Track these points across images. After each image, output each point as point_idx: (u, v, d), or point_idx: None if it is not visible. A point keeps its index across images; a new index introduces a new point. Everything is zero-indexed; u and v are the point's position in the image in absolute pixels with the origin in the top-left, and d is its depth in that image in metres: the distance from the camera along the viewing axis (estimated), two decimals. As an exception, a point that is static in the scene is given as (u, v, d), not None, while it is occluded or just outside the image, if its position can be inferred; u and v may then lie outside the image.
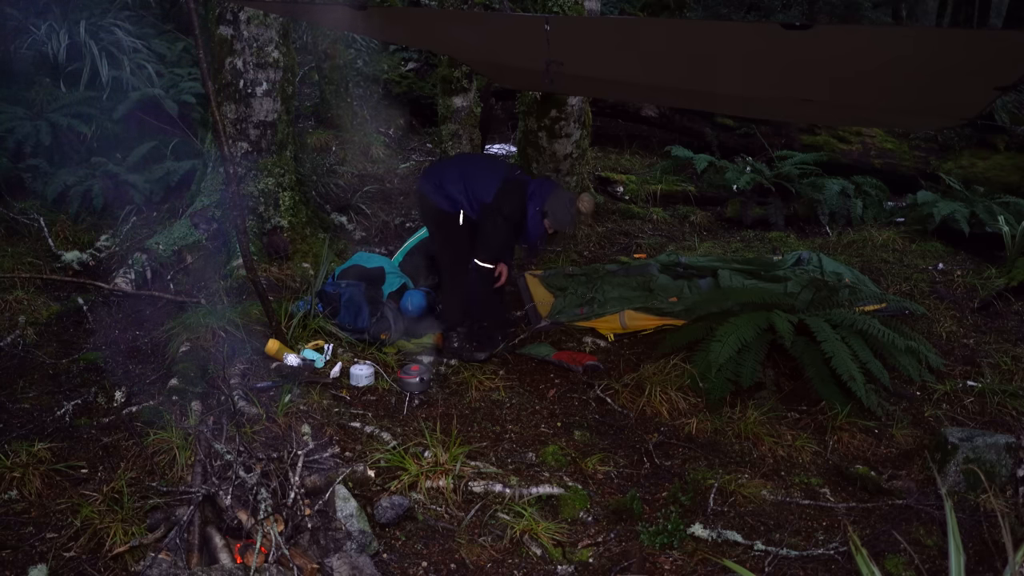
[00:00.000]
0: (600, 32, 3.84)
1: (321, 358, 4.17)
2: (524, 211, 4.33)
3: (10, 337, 4.31)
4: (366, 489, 3.20)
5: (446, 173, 4.48)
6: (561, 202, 4.36)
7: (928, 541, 3.02)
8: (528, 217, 4.33)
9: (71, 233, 5.61)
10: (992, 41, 2.93)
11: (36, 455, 3.21)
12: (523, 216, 4.34)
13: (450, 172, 4.48)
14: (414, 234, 5.29)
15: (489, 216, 4.33)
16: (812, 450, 3.67)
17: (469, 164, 4.70)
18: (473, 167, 4.58)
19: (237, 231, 4.10)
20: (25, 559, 2.72)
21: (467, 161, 4.88)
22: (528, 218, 4.33)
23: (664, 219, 7.39)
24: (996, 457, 3.26)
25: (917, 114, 4.28)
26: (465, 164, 4.68)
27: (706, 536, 3.03)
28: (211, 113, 3.73)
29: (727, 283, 5.07)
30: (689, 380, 4.08)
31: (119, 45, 7.18)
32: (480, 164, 4.82)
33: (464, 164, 4.68)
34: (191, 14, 3.50)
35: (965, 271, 5.87)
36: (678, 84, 4.33)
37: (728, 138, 9.11)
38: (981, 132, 8.66)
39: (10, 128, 5.98)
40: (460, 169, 4.50)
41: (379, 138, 8.50)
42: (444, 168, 4.60)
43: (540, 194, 4.34)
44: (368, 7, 3.60)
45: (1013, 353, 4.49)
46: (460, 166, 4.60)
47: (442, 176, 4.47)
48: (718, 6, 12.40)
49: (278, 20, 5.32)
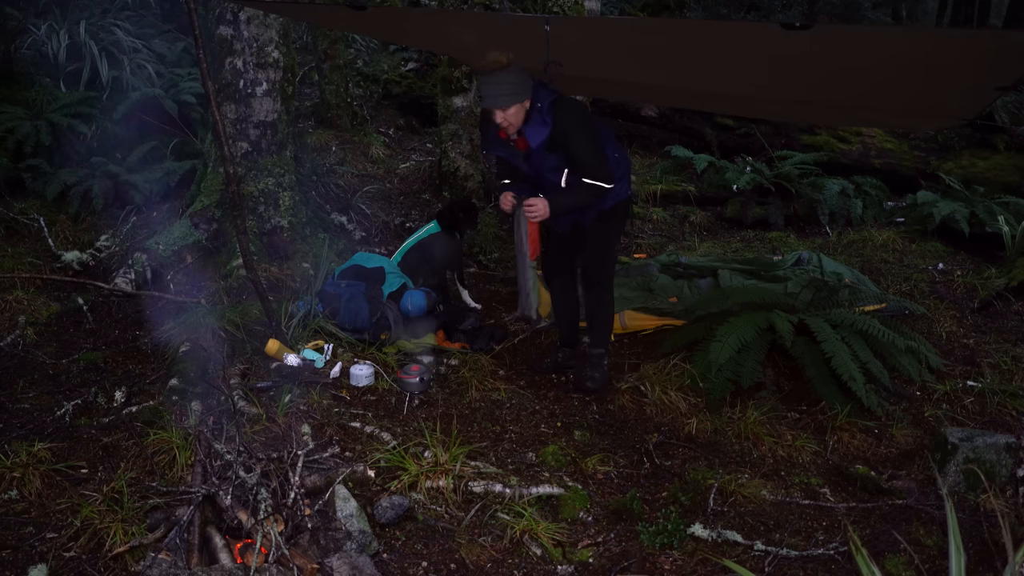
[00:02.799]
0: (600, 32, 3.85)
1: (321, 358, 4.17)
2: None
3: (10, 337, 4.31)
4: (366, 489, 3.20)
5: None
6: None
7: (928, 541, 3.02)
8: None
9: (71, 233, 5.61)
10: (992, 41, 2.94)
11: (36, 455, 3.21)
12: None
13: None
14: (413, 234, 5.29)
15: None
16: (812, 450, 3.67)
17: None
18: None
19: (237, 231, 4.10)
20: (25, 559, 2.72)
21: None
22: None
23: (664, 219, 7.40)
24: (996, 457, 3.26)
25: (917, 114, 4.29)
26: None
27: (706, 536, 3.03)
28: (211, 113, 3.73)
29: (727, 283, 5.07)
30: (689, 380, 4.08)
31: (119, 45, 7.19)
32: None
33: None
34: (191, 14, 3.50)
35: (965, 271, 5.87)
36: (678, 84, 4.33)
37: (728, 138, 9.11)
38: (981, 132, 8.66)
39: (10, 128, 5.98)
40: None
41: (379, 138, 8.49)
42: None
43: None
44: (368, 8, 3.60)
45: (1013, 353, 4.49)
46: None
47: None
48: (718, 6, 12.42)
49: (278, 20, 5.32)
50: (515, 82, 3.55)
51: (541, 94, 3.64)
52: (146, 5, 8.31)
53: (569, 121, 3.63)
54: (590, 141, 3.70)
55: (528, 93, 3.60)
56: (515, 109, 3.60)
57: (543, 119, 3.62)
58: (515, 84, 3.55)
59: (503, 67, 3.51)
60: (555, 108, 3.64)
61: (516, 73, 3.55)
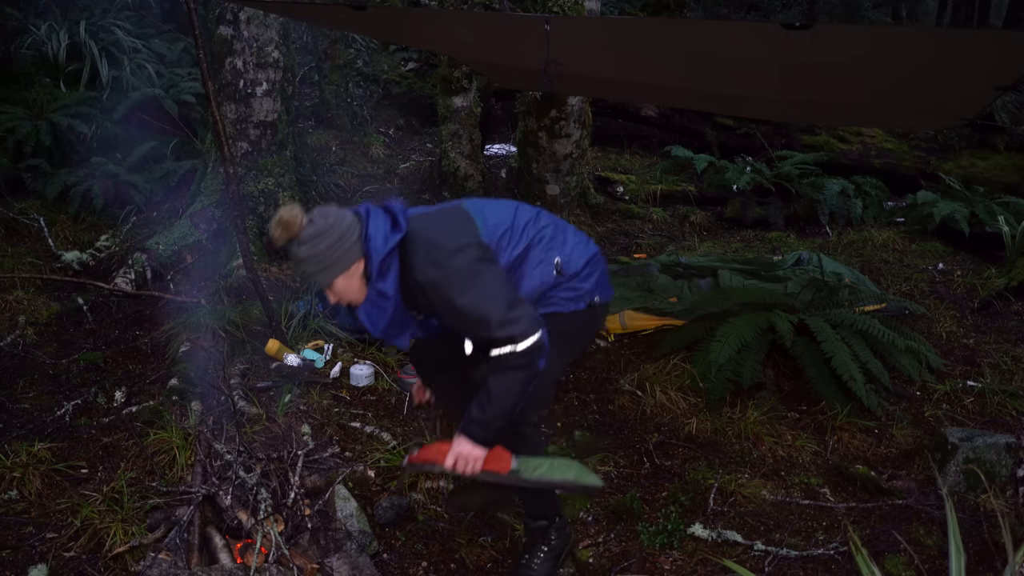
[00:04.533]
0: (600, 32, 3.84)
1: (321, 358, 4.17)
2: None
3: (10, 337, 4.31)
4: (366, 489, 3.20)
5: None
6: None
7: (928, 541, 3.02)
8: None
9: (71, 233, 5.61)
10: (992, 41, 2.93)
11: (36, 455, 3.21)
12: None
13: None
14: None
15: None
16: (812, 450, 3.67)
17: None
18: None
19: (237, 231, 4.10)
20: (25, 559, 2.72)
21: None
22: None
23: (664, 219, 7.39)
24: (996, 457, 3.26)
25: (917, 114, 4.28)
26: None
27: (706, 536, 3.03)
28: (211, 113, 3.73)
29: (727, 283, 5.06)
30: (689, 380, 4.08)
31: (119, 45, 7.19)
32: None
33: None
34: (191, 14, 3.50)
35: (965, 271, 5.86)
36: (678, 84, 4.33)
37: (728, 138, 9.10)
38: (981, 132, 8.65)
39: (10, 128, 5.98)
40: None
41: (379, 138, 8.49)
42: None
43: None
44: (368, 8, 3.60)
45: (1013, 353, 4.49)
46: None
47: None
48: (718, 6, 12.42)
49: (278, 20, 5.31)
50: (323, 251, 2.30)
51: (374, 244, 2.32)
52: (146, 5, 8.31)
53: (427, 278, 2.33)
54: (473, 295, 2.31)
55: (354, 254, 2.33)
56: (342, 281, 2.37)
57: (382, 285, 2.35)
58: (324, 253, 2.30)
59: (293, 236, 2.29)
60: (403, 259, 2.37)
61: (320, 238, 2.29)
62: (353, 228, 2.34)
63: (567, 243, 2.59)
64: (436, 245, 2.36)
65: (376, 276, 2.34)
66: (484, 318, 2.28)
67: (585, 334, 2.75)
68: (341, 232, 2.32)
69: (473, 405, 2.39)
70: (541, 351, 2.32)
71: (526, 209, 2.60)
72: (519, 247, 2.49)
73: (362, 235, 2.34)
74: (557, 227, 2.61)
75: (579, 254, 2.59)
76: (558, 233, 2.59)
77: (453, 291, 2.30)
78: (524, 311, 2.32)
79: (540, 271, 2.51)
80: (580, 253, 2.60)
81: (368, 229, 2.34)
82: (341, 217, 2.34)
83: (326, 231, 2.30)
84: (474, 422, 2.37)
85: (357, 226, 2.35)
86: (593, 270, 2.61)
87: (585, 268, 2.59)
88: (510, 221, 2.52)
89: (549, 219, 2.62)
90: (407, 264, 2.36)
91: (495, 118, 8.82)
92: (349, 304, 2.46)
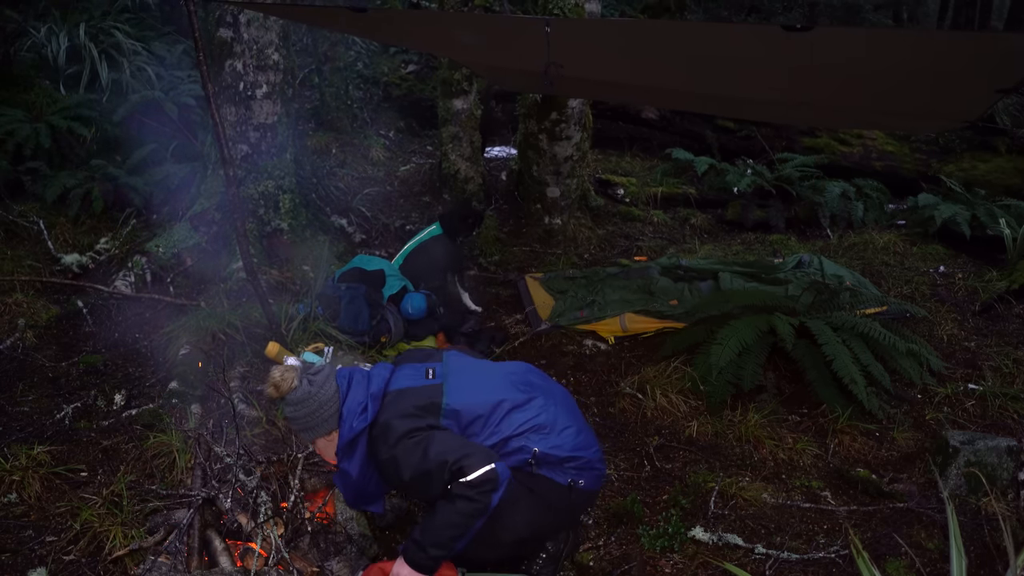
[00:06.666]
0: (601, 34, 3.84)
1: (321, 360, 4.17)
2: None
3: (10, 340, 4.30)
4: (366, 492, 3.19)
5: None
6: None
7: (929, 544, 3.01)
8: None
9: (71, 236, 5.60)
10: (993, 43, 2.93)
11: (36, 458, 3.20)
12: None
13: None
14: (414, 236, 5.28)
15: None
16: (813, 453, 3.66)
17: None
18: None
19: (237, 234, 4.09)
20: (25, 562, 2.72)
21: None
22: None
23: (665, 221, 7.39)
24: (997, 460, 3.26)
25: (918, 116, 4.28)
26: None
27: (707, 539, 3.02)
28: (211, 115, 3.72)
29: (728, 286, 5.06)
30: (690, 383, 4.07)
31: (119, 48, 7.19)
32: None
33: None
34: (191, 16, 3.50)
35: (966, 274, 5.86)
36: (679, 87, 4.33)
37: (729, 140, 9.11)
38: (982, 134, 8.65)
39: (10, 131, 5.97)
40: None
41: (379, 140, 8.49)
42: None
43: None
44: (368, 10, 3.60)
45: (1014, 356, 4.48)
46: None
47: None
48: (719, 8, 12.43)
49: (278, 23, 5.31)
50: (304, 416, 2.52)
51: (345, 425, 2.50)
52: (146, 7, 8.31)
53: (382, 458, 2.46)
54: (419, 465, 2.38)
55: (331, 424, 2.53)
56: (322, 443, 2.60)
57: (346, 464, 2.51)
58: (305, 418, 2.52)
59: (282, 397, 2.52)
60: (370, 442, 2.51)
61: (301, 404, 2.51)
62: (332, 402, 2.52)
63: (553, 433, 2.56)
64: (391, 429, 2.45)
65: (342, 455, 2.50)
66: (438, 470, 2.34)
67: (561, 510, 2.63)
68: (320, 403, 2.51)
69: (417, 527, 2.46)
70: (495, 485, 2.33)
71: (514, 396, 2.59)
72: (494, 437, 2.51)
73: (339, 410, 2.52)
74: (549, 415, 2.59)
75: (567, 445, 2.57)
76: (547, 422, 2.57)
77: (401, 469, 2.40)
78: (476, 448, 2.40)
79: (515, 458, 2.51)
80: (568, 444, 2.57)
81: (344, 406, 2.52)
82: (325, 387, 2.53)
83: (308, 399, 2.50)
84: (414, 543, 2.40)
85: (335, 400, 2.53)
86: (579, 462, 2.59)
87: (568, 461, 2.57)
88: (487, 410, 2.54)
89: (542, 406, 2.60)
90: (373, 447, 2.49)
91: (495, 120, 8.83)
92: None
